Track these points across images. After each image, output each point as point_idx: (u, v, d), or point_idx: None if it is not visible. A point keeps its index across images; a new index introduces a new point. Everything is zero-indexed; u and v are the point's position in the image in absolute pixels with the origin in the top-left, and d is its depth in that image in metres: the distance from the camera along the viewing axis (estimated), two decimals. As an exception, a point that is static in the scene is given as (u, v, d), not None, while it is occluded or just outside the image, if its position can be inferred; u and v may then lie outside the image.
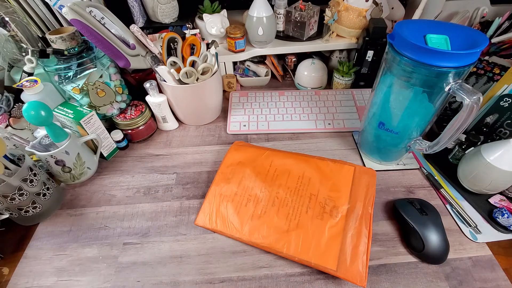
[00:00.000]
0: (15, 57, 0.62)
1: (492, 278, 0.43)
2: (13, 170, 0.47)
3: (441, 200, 0.53)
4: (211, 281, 0.44)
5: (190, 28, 0.65)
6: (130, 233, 0.50)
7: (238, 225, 0.48)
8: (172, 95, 0.64)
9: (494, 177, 0.47)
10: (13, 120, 0.56)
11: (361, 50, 0.72)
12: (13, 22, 0.60)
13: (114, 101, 0.62)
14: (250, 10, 0.70)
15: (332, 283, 0.43)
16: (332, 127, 0.68)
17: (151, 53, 0.59)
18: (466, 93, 0.39)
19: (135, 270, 0.46)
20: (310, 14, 0.71)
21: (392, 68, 0.46)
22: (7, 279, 0.45)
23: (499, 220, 0.48)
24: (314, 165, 0.55)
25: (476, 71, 0.62)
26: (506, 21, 0.65)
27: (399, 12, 0.76)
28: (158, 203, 0.55)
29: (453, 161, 0.57)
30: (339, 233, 0.46)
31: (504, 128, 0.55)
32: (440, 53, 0.38)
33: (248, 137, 0.67)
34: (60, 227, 0.52)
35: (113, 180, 0.59)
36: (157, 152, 0.65)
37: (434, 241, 0.44)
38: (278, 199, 0.51)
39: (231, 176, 0.55)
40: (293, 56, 0.80)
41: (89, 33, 0.52)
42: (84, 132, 0.57)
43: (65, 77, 0.57)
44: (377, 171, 0.56)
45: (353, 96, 0.76)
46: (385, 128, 0.52)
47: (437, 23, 0.45)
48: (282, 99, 0.76)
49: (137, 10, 0.72)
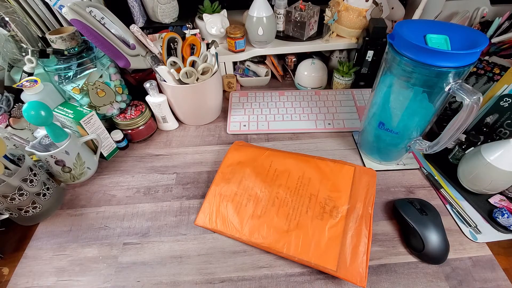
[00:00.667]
0: (15, 57, 0.62)
1: (492, 278, 0.43)
2: (13, 170, 0.47)
3: (441, 200, 0.53)
4: (211, 281, 0.44)
5: (190, 28, 0.65)
6: (130, 233, 0.50)
7: (238, 225, 0.48)
8: (172, 95, 0.64)
9: (494, 177, 0.47)
10: (13, 120, 0.56)
11: (361, 50, 0.72)
12: (13, 22, 0.60)
13: (114, 101, 0.62)
14: (250, 10, 0.70)
15: (332, 283, 0.43)
16: (332, 127, 0.68)
17: (151, 53, 0.59)
18: (466, 93, 0.39)
19: (135, 270, 0.46)
20: (310, 14, 0.71)
21: (392, 68, 0.46)
22: (7, 279, 0.45)
23: (499, 220, 0.48)
24: (314, 165, 0.55)
25: (476, 71, 0.62)
26: (506, 21, 0.65)
27: (399, 12, 0.76)
28: (158, 203, 0.55)
29: (453, 161, 0.57)
30: (339, 233, 0.46)
31: (504, 128, 0.55)
32: (440, 53, 0.38)
33: (248, 137, 0.67)
34: (60, 227, 0.52)
35: (113, 180, 0.59)
36: (157, 152, 0.65)
37: (434, 241, 0.44)
38: (278, 199, 0.51)
39: (231, 176, 0.55)
40: (293, 56, 0.80)
41: (89, 33, 0.52)
42: (84, 132, 0.57)
43: (65, 77, 0.57)
44: (377, 171, 0.56)
45: (353, 96, 0.76)
46: (385, 128, 0.52)
47: (437, 23, 0.45)
48: (282, 99, 0.76)
49: (137, 10, 0.72)
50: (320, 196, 0.51)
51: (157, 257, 0.47)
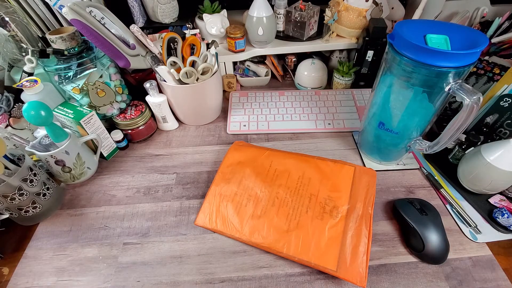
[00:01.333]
0: (15, 57, 0.62)
1: (492, 278, 0.43)
2: (13, 170, 0.47)
3: (441, 200, 0.53)
4: (211, 281, 0.44)
5: (190, 28, 0.65)
6: (130, 233, 0.50)
7: (238, 225, 0.48)
8: (172, 95, 0.64)
9: (494, 177, 0.47)
10: (13, 120, 0.56)
11: (361, 50, 0.72)
12: (13, 22, 0.60)
13: (114, 101, 0.62)
14: (250, 10, 0.70)
15: (332, 283, 0.43)
16: (332, 127, 0.68)
17: (151, 53, 0.59)
18: (466, 93, 0.39)
19: (135, 270, 0.46)
20: (310, 14, 0.71)
21: (392, 68, 0.46)
22: (7, 279, 0.45)
23: (499, 220, 0.48)
24: (314, 165, 0.55)
25: (476, 71, 0.62)
26: (506, 21, 0.65)
27: (399, 12, 0.76)
28: (158, 203, 0.55)
29: (453, 161, 0.57)
30: (339, 233, 0.46)
31: (504, 128, 0.55)
32: (440, 53, 0.38)
33: (248, 137, 0.67)
34: (60, 227, 0.52)
35: (113, 180, 0.59)
36: (157, 152, 0.65)
37: (434, 241, 0.44)
38: (278, 199, 0.51)
39: (231, 176, 0.55)
40: (293, 56, 0.80)
41: (89, 33, 0.52)
42: (84, 132, 0.57)
43: (65, 77, 0.57)
44: (377, 171, 0.56)
45: (353, 96, 0.76)
46: (385, 128, 0.52)
47: (437, 23, 0.45)
48: (282, 99, 0.76)
49: (137, 10, 0.72)
50: (320, 196, 0.51)
51: (157, 257, 0.47)
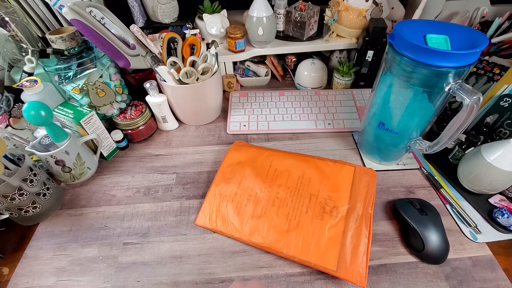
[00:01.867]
0: (15, 57, 0.62)
1: (492, 278, 0.43)
2: (13, 170, 0.47)
3: (441, 200, 0.53)
4: (211, 281, 0.44)
5: (190, 28, 0.65)
6: (130, 233, 0.50)
7: (238, 225, 0.48)
8: (172, 95, 0.64)
9: (494, 177, 0.47)
10: (13, 120, 0.56)
11: (361, 50, 0.72)
12: (13, 22, 0.60)
13: (114, 101, 0.62)
14: (250, 10, 0.70)
15: (332, 283, 0.43)
16: (332, 127, 0.68)
17: (151, 53, 0.59)
18: (466, 93, 0.39)
19: (135, 270, 0.46)
20: (310, 14, 0.71)
21: (392, 68, 0.46)
22: (7, 279, 0.45)
23: (499, 220, 0.48)
24: (314, 165, 0.55)
25: (476, 71, 0.62)
26: (506, 21, 0.65)
27: (399, 12, 0.76)
28: (158, 203, 0.55)
29: (453, 161, 0.57)
30: (339, 233, 0.46)
31: (504, 128, 0.55)
32: (440, 53, 0.38)
33: (248, 137, 0.67)
34: (60, 227, 0.52)
35: (113, 180, 0.59)
36: (157, 152, 0.65)
37: (434, 241, 0.44)
38: (278, 199, 0.51)
39: (231, 176, 0.55)
40: (293, 56, 0.80)
41: (89, 33, 0.52)
42: (84, 132, 0.57)
43: (65, 77, 0.57)
44: (377, 171, 0.56)
45: (353, 96, 0.76)
46: (385, 128, 0.52)
47: (437, 23, 0.45)
48: (282, 99, 0.76)
49: (137, 10, 0.72)
50: (320, 196, 0.51)
51: (157, 257, 0.47)
